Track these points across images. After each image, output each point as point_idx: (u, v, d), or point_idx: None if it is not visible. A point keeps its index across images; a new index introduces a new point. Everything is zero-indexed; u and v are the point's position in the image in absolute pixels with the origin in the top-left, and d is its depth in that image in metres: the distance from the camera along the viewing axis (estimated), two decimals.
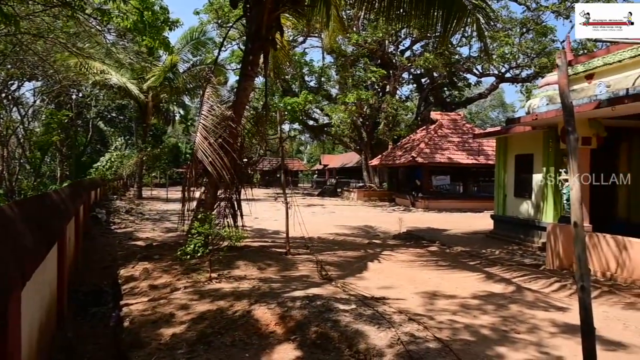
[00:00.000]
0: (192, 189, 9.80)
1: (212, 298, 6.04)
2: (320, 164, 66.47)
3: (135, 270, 7.79)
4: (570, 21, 28.78)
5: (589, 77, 8.46)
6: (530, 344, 4.71)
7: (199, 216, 8.13)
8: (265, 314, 5.33)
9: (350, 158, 49.78)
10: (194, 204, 9.78)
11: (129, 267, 8.13)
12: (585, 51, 24.66)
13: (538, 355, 4.41)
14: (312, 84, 34.09)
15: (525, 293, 6.92)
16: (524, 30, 29.28)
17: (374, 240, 12.31)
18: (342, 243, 11.75)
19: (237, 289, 6.48)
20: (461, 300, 6.40)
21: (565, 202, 8.84)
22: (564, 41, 27.06)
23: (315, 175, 68.74)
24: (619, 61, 7.72)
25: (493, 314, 5.76)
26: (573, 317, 5.57)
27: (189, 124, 41.85)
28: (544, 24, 28.91)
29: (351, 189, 34.14)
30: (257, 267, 8.07)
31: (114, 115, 41.82)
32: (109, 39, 16.16)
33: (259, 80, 22.04)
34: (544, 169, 10.76)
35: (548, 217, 10.53)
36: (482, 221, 15.66)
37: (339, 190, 38.59)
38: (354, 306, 5.59)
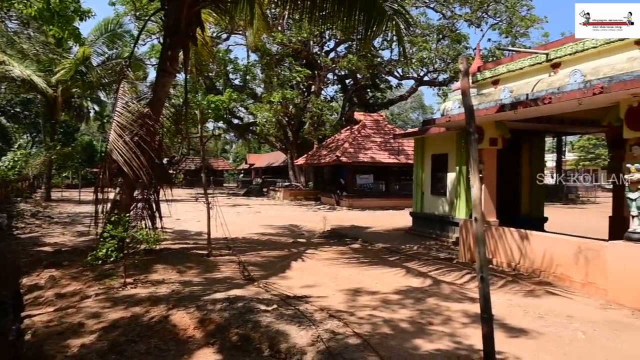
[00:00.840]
0: (106, 189, 9.22)
1: (127, 304, 5.73)
2: (246, 163, 65.66)
3: (41, 279, 7.19)
4: (481, 30, 30.96)
5: (495, 82, 9.12)
6: (444, 334, 4.96)
7: (112, 218, 7.68)
8: (183, 319, 5.16)
9: (276, 157, 49.68)
10: (109, 205, 9.21)
11: (34, 275, 7.48)
12: (494, 58, 26.50)
13: (451, 344, 4.66)
14: (237, 82, 33.56)
15: (442, 286, 7.30)
16: (441, 36, 30.95)
17: (298, 239, 12.37)
18: (267, 243, 11.68)
19: (154, 294, 6.21)
20: (381, 295, 6.61)
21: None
22: (475, 48, 28.92)
23: (241, 175, 67.79)
24: (521, 69, 8.40)
25: (411, 307, 6.00)
26: None
27: (105, 121, 39.39)
28: (458, 31, 30.80)
29: (277, 189, 34.07)
30: (177, 270, 7.79)
31: (18, 110, 38.29)
32: (10, 27, 14.77)
33: (182, 77, 21.29)
34: (457, 167, 11.43)
35: (461, 213, 11.19)
36: (403, 218, 16.30)
37: (265, 189, 38.36)
38: (275, 306, 5.57)
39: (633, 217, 6.18)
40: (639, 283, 5.93)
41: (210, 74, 31.31)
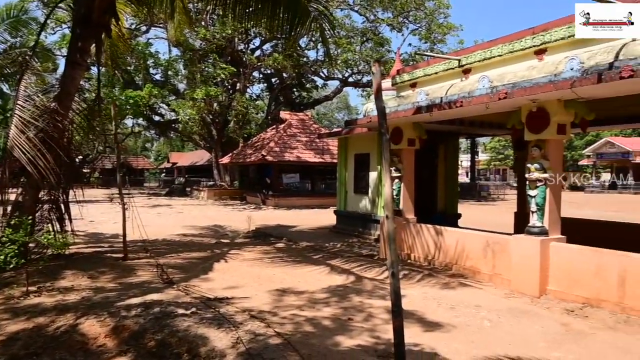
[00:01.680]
0: (6, 190, 8.42)
1: (29, 315, 5.28)
2: (168, 162, 63.27)
3: None
4: (403, 34, 32.26)
5: (413, 85, 9.51)
6: (365, 330, 5.09)
7: (13, 222, 7.03)
8: (93, 327, 4.85)
9: (200, 156, 48.31)
10: (10, 207, 8.43)
11: None
12: (414, 62, 27.70)
13: (370, 339, 4.79)
14: (157, 77, 32.17)
15: (364, 282, 7.48)
16: (364, 39, 31.81)
17: (222, 240, 12.12)
18: (188, 244, 11.32)
19: (62, 302, 5.78)
20: (305, 294, 6.65)
21: (395, 196, 9.82)
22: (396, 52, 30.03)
23: (163, 174, 65.13)
24: (436, 73, 8.84)
25: (334, 305, 6.09)
26: (406, 303, 6.18)
27: (9, 115, 36.04)
28: (381, 35, 31.85)
29: (201, 188, 33.14)
30: (89, 275, 7.31)
31: None
32: None
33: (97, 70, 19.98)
34: (379, 167, 11.81)
35: (382, 211, 11.57)
36: (328, 217, 16.54)
37: (188, 189, 37.15)
38: (195, 309, 5.41)
39: (532, 212, 6.74)
40: (536, 273, 6.48)
41: (129, 67, 29.74)
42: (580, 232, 7.43)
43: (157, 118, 35.17)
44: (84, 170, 48.30)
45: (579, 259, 6.22)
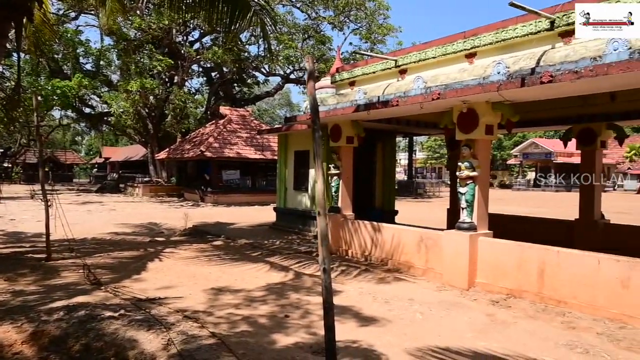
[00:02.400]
0: None
1: None
2: (100, 156, 60.11)
3: None
4: (344, 33, 32.69)
5: (352, 84, 9.65)
6: (302, 327, 5.10)
7: None
8: (8, 334, 4.49)
9: (135, 151, 46.31)
10: None
11: None
12: (354, 61, 28.12)
13: (307, 336, 4.80)
14: (88, 66, 30.48)
15: (303, 278, 7.49)
16: (306, 36, 31.86)
17: (156, 238, 11.68)
18: (120, 243, 10.81)
19: None
20: (242, 292, 6.56)
21: (333, 193, 9.92)
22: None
23: (95, 170, 61.80)
24: (374, 72, 9.02)
25: (272, 302, 6.05)
26: (342, 298, 6.28)
27: None
28: (322, 33, 32.04)
29: (136, 184, 31.77)
30: (6, 278, 6.80)
31: None
32: None
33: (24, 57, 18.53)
34: (323, 164, 11.85)
35: None
36: (268, 214, 16.42)
37: (122, 185, 35.49)
38: (124, 311, 5.16)
39: (462, 209, 7.05)
40: (465, 267, 6.79)
41: (56, 55, 27.95)
42: (506, 227, 7.90)
43: (87, 110, 33.34)
44: (4, 165, 44.86)
45: (504, 252, 6.58)
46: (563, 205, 23.49)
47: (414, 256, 7.92)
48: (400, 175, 51.58)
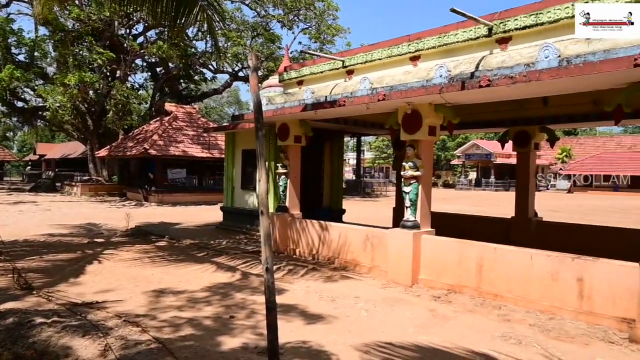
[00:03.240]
0: None
1: None
2: (34, 154, 56.64)
3: None
4: (293, 33, 32.60)
5: (300, 83, 9.66)
6: (247, 327, 5.03)
7: None
8: None
9: (74, 148, 43.96)
10: None
11: None
12: (303, 60, 28.18)
13: (252, 337, 4.75)
14: (21, 57, 28.58)
15: (251, 278, 7.40)
16: (255, 34, 31.53)
17: (95, 239, 11.15)
18: (56, 245, 10.23)
19: None
20: (187, 294, 6.40)
21: (281, 192, 9.89)
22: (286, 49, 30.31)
23: (29, 167, 58.11)
24: (321, 72, 9.08)
25: (217, 304, 5.94)
26: (288, 297, 6.26)
27: None
28: (272, 31, 31.83)
29: (74, 183, 30.17)
30: None
31: None
32: None
33: None
34: (266, 163, 11.77)
35: (269, 207, 11.58)
36: (215, 213, 16.12)
37: (58, 184, 33.60)
38: (57, 317, 4.89)
39: (407, 207, 7.24)
40: (409, 264, 6.98)
41: None
42: (448, 224, 8.18)
43: (20, 104, 31.25)
44: None
45: (446, 249, 6.82)
46: (501, 204, 24.70)
47: (360, 254, 8.04)
48: (349, 175, 52.23)
